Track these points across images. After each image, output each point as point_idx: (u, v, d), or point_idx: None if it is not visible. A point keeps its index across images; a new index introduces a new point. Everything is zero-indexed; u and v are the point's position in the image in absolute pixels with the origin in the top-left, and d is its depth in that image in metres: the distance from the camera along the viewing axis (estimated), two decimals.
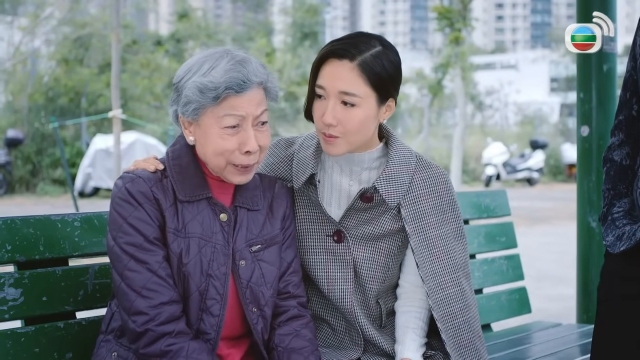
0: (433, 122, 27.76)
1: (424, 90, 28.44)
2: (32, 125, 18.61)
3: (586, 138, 3.82)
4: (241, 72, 2.03)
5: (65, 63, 21.07)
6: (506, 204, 3.68)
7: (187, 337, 2.03)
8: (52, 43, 22.75)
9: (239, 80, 2.02)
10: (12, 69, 21.71)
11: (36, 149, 18.26)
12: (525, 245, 9.76)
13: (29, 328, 2.19)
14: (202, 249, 2.09)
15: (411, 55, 60.89)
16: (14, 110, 19.48)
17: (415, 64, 35.85)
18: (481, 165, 23.33)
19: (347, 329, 2.37)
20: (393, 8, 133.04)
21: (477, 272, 3.45)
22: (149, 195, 2.06)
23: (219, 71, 2.03)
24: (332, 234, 2.32)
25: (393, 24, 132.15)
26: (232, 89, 2.02)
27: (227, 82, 2.01)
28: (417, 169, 2.34)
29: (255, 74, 2.06)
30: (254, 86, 2.06)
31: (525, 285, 3.75)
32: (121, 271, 2.03)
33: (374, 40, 2.23)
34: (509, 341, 3.35)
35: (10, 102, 20.00)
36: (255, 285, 2.15)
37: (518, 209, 15.28)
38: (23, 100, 19.47)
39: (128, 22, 25.36)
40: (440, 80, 19.31)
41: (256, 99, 2.07)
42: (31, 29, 22.42)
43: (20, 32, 23.22)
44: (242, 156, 2.07)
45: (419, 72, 31.24)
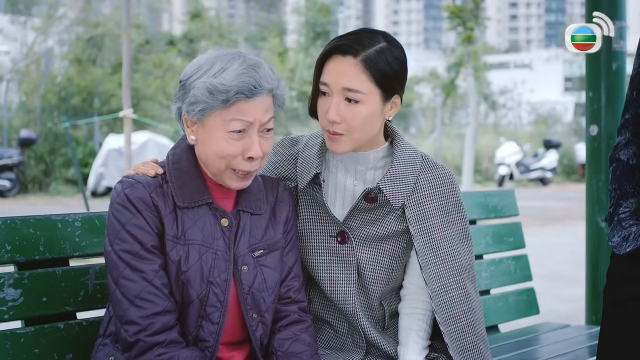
0: (446, 122, 27.66)
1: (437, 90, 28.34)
2: (45, 125, 18.65)
3: (595, 137, 3.79)
4: (253, 77, 2.00)
5: (78, 63, 21.12)
6: (514, 204, 3.65)
7: (178, 346, 2.00)
8: (65, 43, 22.80)
9: (251, 86, 1.99)
10: (26, 69, 21.78)
11: (49, 149, 18.30)
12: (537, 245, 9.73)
13: (29, 329, 2.18)
14: (202, 255, 2.05)
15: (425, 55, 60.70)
16: (27, 110, 19.53)
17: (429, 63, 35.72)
18: (494, 165, 23.23)
19: (349, 331, 2.35)
20: (406, 7, 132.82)
21: (484, 272, 3.41)
22: (148, 201, 2.02)
23: (231, 74, 1.99)
24: (335, 235, 2.29)
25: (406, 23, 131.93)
26: (243, 94, 1.98)
27: (239, 86, 1.98)
28: (423, 170, 2.31)
29: (267, 80, 2.03)
30: (265, 92, 2.03)
31: (534, 285, 3.72)
32: (116, 279, 2.01)
33: (378, 36, 2.21)
34: (517, 342, 3.31)
35: (24, 102, 20.05)
36: (257, 291, 2.11)
37: (530, 208, 15.20)
38: (36, 100, 19.53)
39: (140, 22, 25.42)
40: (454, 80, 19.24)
41: (265, 105, 2.04)
42: (44, 29, 22.49)
43: (34, 32, 23.31)
44: (244, 162, 2.03)
45: (432, 72, 31.14)
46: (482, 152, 23.87)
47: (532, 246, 9.30)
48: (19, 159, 17.00)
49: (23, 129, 18.37)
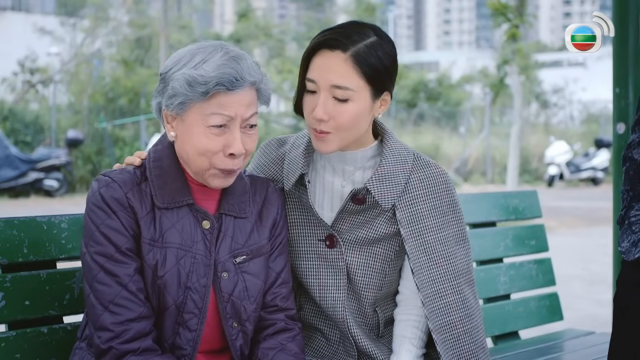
0: (496, 121, 27.30)
1: (487, 89, 28.04)
2: (92, 126, 18.87)
3: (622, 136, 3.62)
4: (234, 69, 1.90)
5: (126, 64, 21.32)
6: (537, 205, 3.51)
7: (152, 354, 1.91)
8: (113, 44, 23.06)
9: (232, 77, 1.89)
10: (75, 70, 22.07)
11: (96, 149, 18.50)
12: (582, 247, 9.50)
13: (11, 333, 2.12)
14: (180, 260, 1.96)
15: (476, 54, 60.11)
16: (75, 110, 19.78)
17: (480, 62, 35.32)
18: (544, 164, 22.85)
19: (340, 339, 2.23)
20: (458, 6, 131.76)
21: (503, 277, 3.28)
22: (124, 202, 1.94)
23: (211, 65, 1.90)
24: (324, 239, 2.18)
25: (458, 21, 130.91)
26: (223, 86, 1.89)
27: (219, 77, 1.88)
28: (415, 169, 2.18)
29: (249, 72, 1.93)
30: (247, 85, 1.93)
31: (575, 289, 3.56)
32: (90, 282, 1.93)
33: (368, 30, 2.09)
34: (537, 350, 3.18)
35: (72, 103, 20.32)
36: (237, 300, 2.01)
37: (579, 209, 14.91)
38: (84, 101, 19.77)
39: (187, 22, 25.54)
40: (502, 78, 18.96)
41: (247, 99, 1.94)
42: (92, 30, 22.76)
43: (82, 34, 23.60)
44: (225, 159, 1.93)
45: (482, 70, 30.77)
46: (532, 152, 23.51)
47: (576, 248, 9.09)
48: (66, 159, 17.19)
49: (71, 129, 18.59)
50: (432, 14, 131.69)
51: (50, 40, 24.70)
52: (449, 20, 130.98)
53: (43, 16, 31.70)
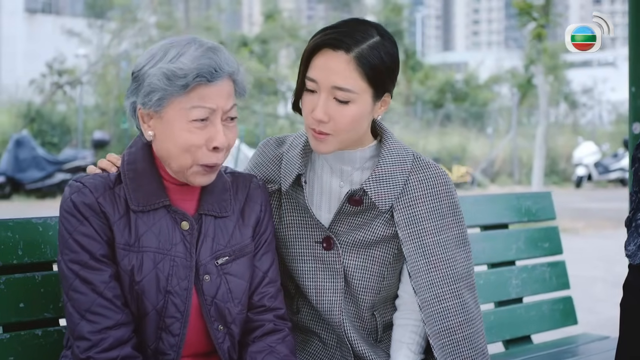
0: (524, 122, 27.10)
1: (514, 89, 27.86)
2: (119, 127, 18.99)
3: (638, 136, 3.54)
4: (213, 59, 1.86)
5: None
6: (551, 207, 3.43)
7: None
8: (139, 46, 23.18)
9: (211, 68, 1.85)
10: (102, 72, 22.21)
11: (122, 150, 18.56)
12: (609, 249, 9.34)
13: (5, 335, 2.09)
14: (158, 264, 1.90)
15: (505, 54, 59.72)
16: (102, 112, 19.93)
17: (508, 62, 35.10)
18: (572, 165, 22.64)
19: (338, 344, 2.18)
20: (487, 6, 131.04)
21: (514, 280, 3.22)
22: (95, 207, 1.89)
23: (189, 57, 1.84)
24: (321, 241, 2.13)
25: (487, 22, 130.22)
26: (203, 77, 1.84)
27: (198, 69, 1.83)
28: (414, 169, 2.13)
29: (227, 62, 1.89)
30: (225, 76, 1.88)
31: (597, 292, 3.49)
32: (67, 291, 1.89)
33: (371, 29, 2.04)
34: (549, 354, 3.13)
35: (99, 104, 20.46)
36: (221, 302, 1.95)
37: (607, 210, 14.74)
38: (111, 102, 19.89)
39: (213, 23, 25.58)
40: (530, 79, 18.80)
41: (226, 90, 1.89)
42: (119, 32, 22.89)
43: (109, 35, 23.75)
44: (209, 153, 1.88)
45: (510, 71, 30.57)
46: (560, 153, 23.31)
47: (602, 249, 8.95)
48: (92, 160, 17.30)
49: (97, 130, 18.72)
50: (461, 14, 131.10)
51: (78, 42, 24.89)
52: (478, 20, 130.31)
53: (72, 18, 32.00)
